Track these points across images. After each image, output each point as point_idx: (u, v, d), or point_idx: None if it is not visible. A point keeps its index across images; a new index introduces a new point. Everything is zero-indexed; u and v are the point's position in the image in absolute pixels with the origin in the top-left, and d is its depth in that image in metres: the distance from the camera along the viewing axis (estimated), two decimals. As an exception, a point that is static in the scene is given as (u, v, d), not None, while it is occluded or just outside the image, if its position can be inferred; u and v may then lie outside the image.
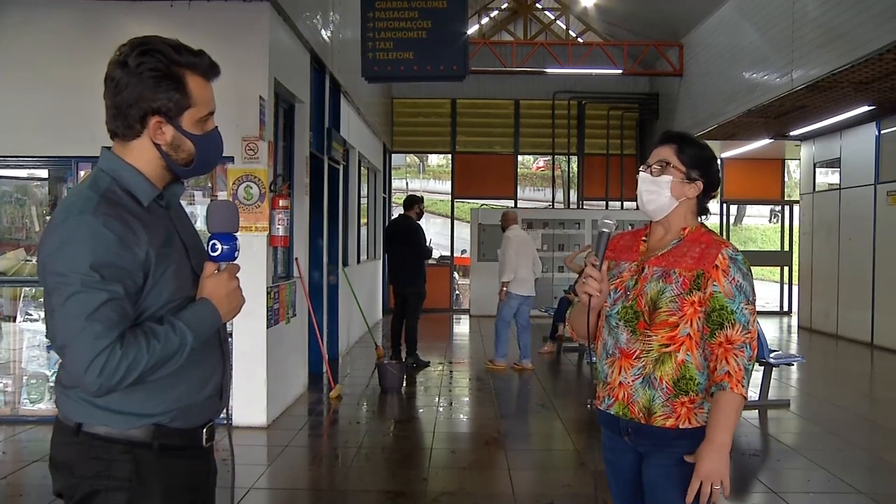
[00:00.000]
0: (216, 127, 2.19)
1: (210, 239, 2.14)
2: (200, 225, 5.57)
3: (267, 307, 6.99)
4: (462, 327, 15.53)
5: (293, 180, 8.28)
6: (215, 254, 2.14)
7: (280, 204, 7.17)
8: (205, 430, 2.19)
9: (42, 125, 6.89)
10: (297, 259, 8.24)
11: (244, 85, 6.79)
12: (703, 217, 2.82)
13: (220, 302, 2.12)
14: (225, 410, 2.26)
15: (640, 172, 2.77)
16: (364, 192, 14.45)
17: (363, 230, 14.12)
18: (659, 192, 2.72)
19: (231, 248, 2.15)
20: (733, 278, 2.60)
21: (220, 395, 2.23)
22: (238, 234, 2.20)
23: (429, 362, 10.53)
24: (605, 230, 2.68)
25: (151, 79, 2.03)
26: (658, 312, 2.63)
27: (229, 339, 2.32)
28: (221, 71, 2.17)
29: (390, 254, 10.91)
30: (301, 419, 7.57)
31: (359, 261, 13.16)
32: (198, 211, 6.85)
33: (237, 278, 2.18)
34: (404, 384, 9.10)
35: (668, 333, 2.62)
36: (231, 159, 6.80)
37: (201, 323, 2.07)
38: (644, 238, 2.84)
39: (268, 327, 7.02)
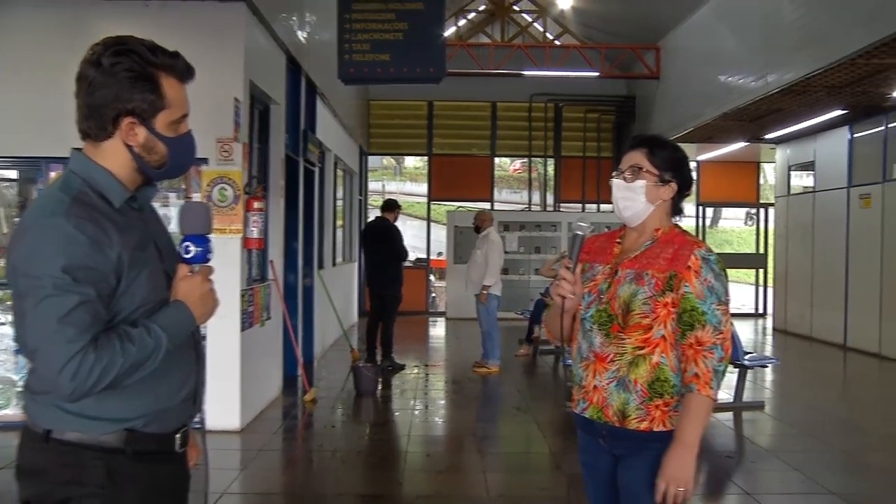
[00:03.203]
0: (190, 130, 2.17)
1: (183, 241, 2.14)
2: (175, 227, 5.52)
3: (241, 310, 6.95)
4: (438, 330, 15.53)
5: (268, 182, 8.24)
6: (188, 256, 2.13)
7: (255, 206, 7.13)
8: (179, 435, 2.17)
9: (11, 125, 6.81)
10: (271, 261, 8.19)
11: (219, 86, 6.74)
12: (678, 217, 2.83)
13: (195, 304, 2.10)
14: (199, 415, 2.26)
15: (614, 179, 2.76)
16: (340, 194, 14.39)
17: (339, 232, 14.06)
18: (634, 198, 2.72)
19: (204, 249, 2.14)
20: (705, 279, 2.61)
21: (195, 399, 2.22)
22: (212, 236, 2.20)
23: (404, 365, 10.49)
24: (579, 233, 2.69)
25: (127, 79, 2.01)
26: (631, 315, 2.63)
27: (203, 342, 2.31)
28: (196, 71, 2.16)
29: (367, 256, 10.88)
30: (275, 423, 7.54)
31: (334, 263, 13.13)
32: (172, 213, 6.79)
33: (211, 280, 2.17)
34: (380, 387, 9.10)
35: (642, 336, 2.63)
36: (205, 161, 6.76)
37: (176, 326, 2.05)
38: (619, 240, 2.84)
39: (242, 330, 6.98)
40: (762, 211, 18.56)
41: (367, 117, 17.58)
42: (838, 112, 11.93)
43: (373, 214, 15.27)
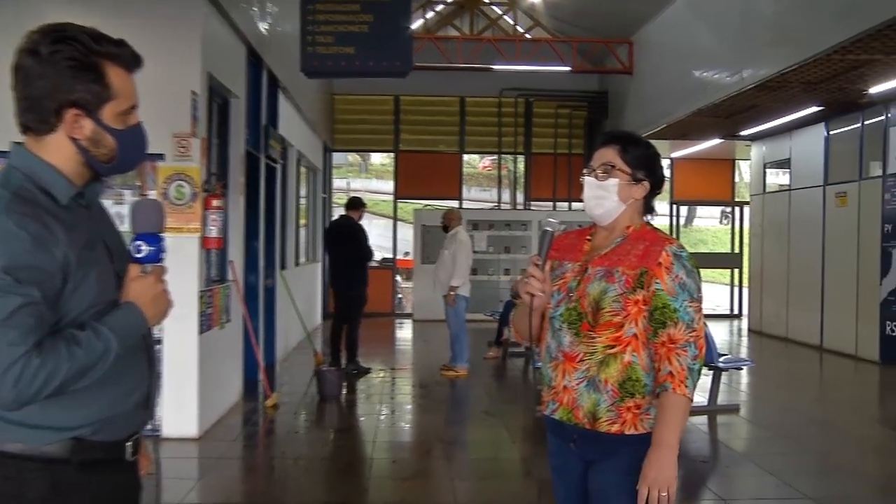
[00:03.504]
0: (140, 122, 2.11)
1: (135, 240, 2.09)
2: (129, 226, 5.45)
3: (199, 312, 6.89)
4: (405, 332, 15.56)
5: (228, 179, 8.18)
6: (140, 255, 2.08)
7: (213, 204, 7.06)
8: (130, 443, 2.12)
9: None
10: (231, 262, 8.16)
11: (176, 78, 6.66)
12: (650, 216, 2.84)
13: (146, 306, 2.06)
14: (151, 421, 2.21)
15: (585, 177, 2.77)
16: (303, 192, 14.35)
17: (302, 232, 14.06)
18: (606, 196, 2.74)
19: (157, 249, 2.10)
20: (677, 276, 2.62)
21: (147, 404, 2.17)
22: (168, 236, 2.16)
23: (370, 369, 10.49)
24: (548, 229, 2.69)
25: (68, 69, 1.95)
26: (601, 313, 2.64)
27: (158, 346, 2.27)
28: (152, 63, 2.11)
29: (331, 256, 10.89)
30: (235, 429, 7.49)
31: (297, 263, 13.11)
32: (126, 211, 6.72)
33: (164, 281, 2.13)
34: (344, 391, 9.09)
35: (613, 334, 2.64)
36: (161, 157, 6.68)
37: (126, 328, 2.00)
38: (589, 238, 2.86)
39: (200, 333, 6.92)
40: (737, 209, 18.74)
41: (331, 112, 17.51)
42: (814, 108, 12.06)
43: (337, 213, 15.25)
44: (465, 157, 19.05)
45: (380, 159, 32.95)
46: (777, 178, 15.52)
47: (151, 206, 2.16)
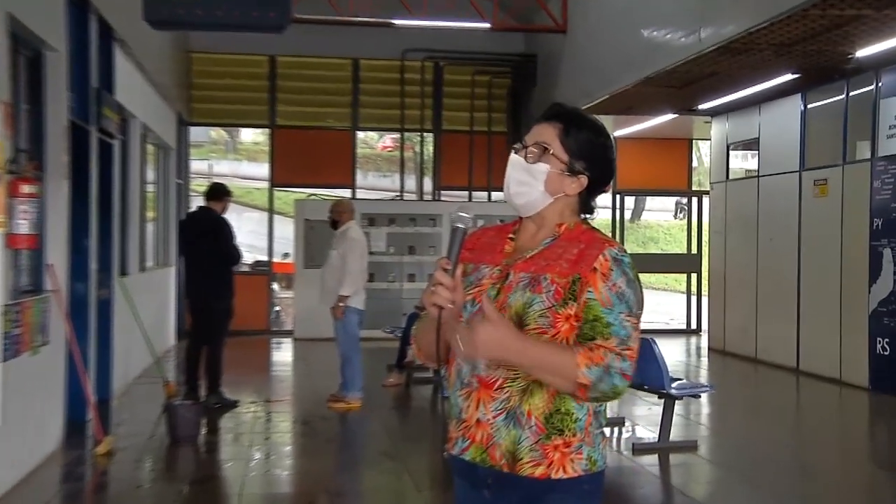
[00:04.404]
0: None
1: None
2: None
3: (2, 333, 6.64)
4: (283, 354, 15.57)
5: (44, 158, 7.99)
6: None
7: (23, 190, 6.88)
8: None
9: None
10: (50, 266, 7.96)
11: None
12: (589, 217, 2.89)
13: None
14: None
15: (512, 154, 2.81)
16: (151, 176, 14.24)
17: (150, 227, 13.99)
18: (531, 183, 2.78)
19: None
20: (614, 284, 2.65)
21: None
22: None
23: (237, 401, 10.42)
24: (459, 225, 2.68)
25: None
26: (526, 330, 2.65)
27: None
28: None
29: (187, 258, 10.82)
30: (50, 488, 7.28)
31: (143, 268, 13.01)
32: None
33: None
34: (203, 432, 8.98)
35: None
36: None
37: None
38: (511, 236, 2.89)
39: (3, 360, 6.67)
40: (695, 200, 19.05)
41: (187, 75, 17.31)
42: (788, 77, 12.24)
43: (196, 203, 15.01)
44: (360, 134, 19.07)
45: (251, 136, 32.83)
46: (743, 162, 15.81)
47: None
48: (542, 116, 2.84)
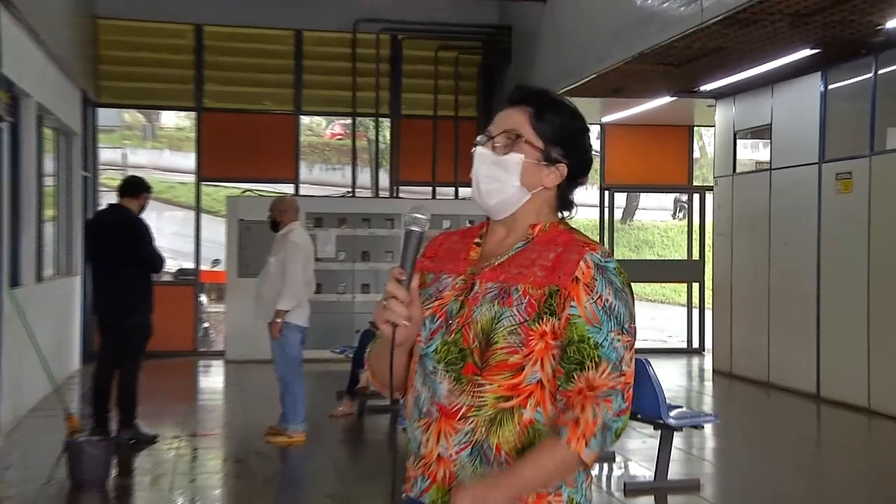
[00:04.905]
0: None
1: None
2: None
3: None
4: (213, 379, 15.65)
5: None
6: None
7: None
8: None
9: None
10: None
11: None
12: (568, 214, 2.92)
13: None
14: None
15: (478, 147, 2.84)
16: (50, 167, 14.12)
17: (49, 228, 13.88)
18: (504, 178, 2.80)
19: None
20: (600, 296, 2.67)
21: None
22: None
23: (156, 436, 10.38)
24: (414, 228, 2.72)
25: None
26: (494, 350, 2.66)
27: None
28: None
29: (96, 266, 10.71)
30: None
31: (40, 278, 12.88)
32: None
33: None
34: (114, 474, 8.91)
35: (509, 380, 2.66)
36: None
37: None
38: (478, 240, 2.91)
39: None
40: (696, 198, 19.10)
41: (94, 46, 17.11)
42: (806, 52, 12.24)
43: (107, 200, 14.87)
44: (304, 119, 18.98)
45: (174, 121, 32.67)
46: (753, 152, 15.86)
47: None
48: (508, 101, 2.88)
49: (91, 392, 10.65)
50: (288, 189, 17.79)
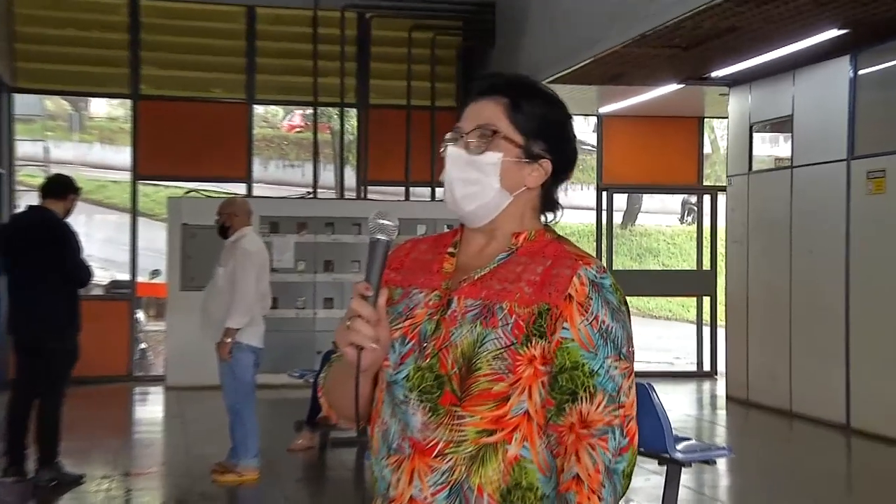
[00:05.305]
0: None
1: None
2: None
3: None
4: (151, 409, 15.79)
5: None
6: None
7: None
8: None
9: None
10: None
11: None
12: (552, 218, 2.92)
13: None
14: None
15: (449, 147, 2.84)
16: None
17: None
18: (481, 181, 2.80)
19: None
20: (595, 317, 2.66)
21: None
22: None
23: (82, 477, 10.33)
24: (380, 236, 2.69)
25: None
26: (475, 377, 2.64)
27: None
28: None
29: (12, 278, 10.62)
30: None
31: None
32: None
33: None
34: None
35: (493, 412, 2.65)
36: None
37: None
38: (451, 249, 2.92)
39: None
40: (707, 199, 19.14)
41: (9, 21, 17.07)
42: (833, 33, 12.27)
43: (27, 202, 14.80)
44: (258, 109, 18.93)
45: (106, 110, 32.64)
46: (772, 147, 15.85)
47: None
48: (478, 92, 2.87)
49: (5, 425, 10.48)
50: (239, 189, 17.88)
